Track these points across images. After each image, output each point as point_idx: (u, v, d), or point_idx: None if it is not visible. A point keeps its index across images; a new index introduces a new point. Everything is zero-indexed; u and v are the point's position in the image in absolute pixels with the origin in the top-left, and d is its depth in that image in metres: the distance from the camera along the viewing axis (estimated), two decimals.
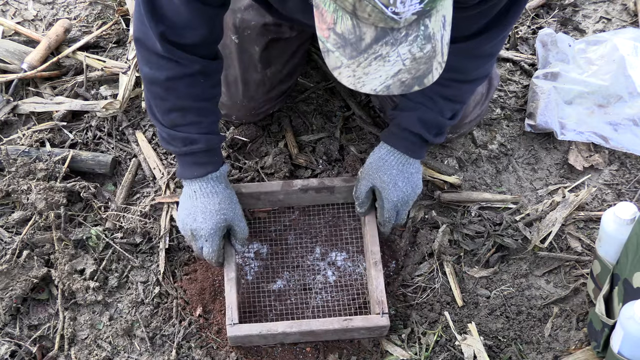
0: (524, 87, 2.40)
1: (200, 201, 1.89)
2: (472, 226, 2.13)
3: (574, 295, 2.06)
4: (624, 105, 2.30)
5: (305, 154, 2.22)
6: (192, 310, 1.99)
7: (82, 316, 1.99)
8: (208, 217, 1.88)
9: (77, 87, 2.33)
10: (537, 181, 2.24)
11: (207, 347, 1.94)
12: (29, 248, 2.03)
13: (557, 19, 2.54)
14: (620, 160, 2.27)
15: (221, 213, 1.89)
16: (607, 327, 1.83)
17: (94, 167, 2.18)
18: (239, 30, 2.04)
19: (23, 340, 1.95)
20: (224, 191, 1.91)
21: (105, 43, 2.44)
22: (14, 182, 2.10)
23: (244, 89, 2.11)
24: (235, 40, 2.06)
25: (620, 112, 2.29)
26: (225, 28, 2.04)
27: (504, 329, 2.00)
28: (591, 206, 2.19)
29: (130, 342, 1.97)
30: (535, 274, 2.09)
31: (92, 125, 2.25)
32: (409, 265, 2.08)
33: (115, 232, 2.09)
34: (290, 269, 2.06)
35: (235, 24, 2.04)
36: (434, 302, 2.03)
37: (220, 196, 1.90)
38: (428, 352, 1.95)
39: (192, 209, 1.89)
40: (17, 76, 2.30)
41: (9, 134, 2.25)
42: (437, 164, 2.22)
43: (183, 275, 2.04)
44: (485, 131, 2.31)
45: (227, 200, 1.91)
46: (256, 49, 2.07)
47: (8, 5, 2.52)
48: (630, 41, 2.37)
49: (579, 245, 2.12)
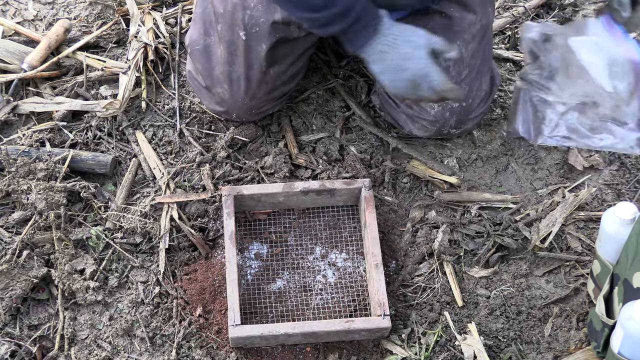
0: None
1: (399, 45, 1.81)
2: (472, 226, 2.13)
3: (574, 295, 2.06)
4: (597, 107, 2.26)
5: (305, 154, 2.22)
6: (192, 310, 1.99)
7: (82, 316, 1.99)
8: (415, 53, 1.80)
9: (77, 87, 2.33)
10: (537, 181, 2.24)
11: (207, 347, 1.95)
12: (29, 248, 2.03)
13: (557, 19, 2.54)
14: (620, 160, 2.27)
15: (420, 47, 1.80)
16: (607, 327, 1.83)
17: (94, 167, 2.18)
18: (247, 27, 2.04)
19: (23, 340, 1.95)
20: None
21: (105, 43, 2.44)
22: (14, 182, 2.10)
23: (247, 86, 2.11)
24: (242, 37, 2.05)
25: (594, 113, 2.26)
26: (233, 24, 2.04)
27: (504, 329, 2.00)
28: (591, 206, 2.19)
29: (130, 342, 1.97)
30: (535, 274, 2.09)
31: (92, 125, 2.25)
32: (409, 265, 2.08)
33: (115, 232, 2.09)
34: (291, 269, 2.06)
35: (244, 20, 2.03)
36: (434, 302, 2.03)
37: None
38: (428, 352, 1.95)
39: (396, 58, 1.82)
40: (17, 76, 2.30)
41: (9, 134, 2.25)
42: (437, 164, 2.22)
43: (183, 275, 2.04)
44: (485, 131, 2.31)
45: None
46: (263, 47, 2.06)
47: (8, 5, 2.52)
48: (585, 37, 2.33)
49: (579, 245, 2.12)
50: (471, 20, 2.07)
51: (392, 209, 2.17)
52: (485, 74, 2.15)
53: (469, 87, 2.10)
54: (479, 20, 2.08)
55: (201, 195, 2.13)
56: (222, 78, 2.11)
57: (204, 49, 2.13)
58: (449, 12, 2.05)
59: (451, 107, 2.10)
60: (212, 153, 2.20)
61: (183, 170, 2.19)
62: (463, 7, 2.06)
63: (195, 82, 2.20)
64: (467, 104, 2.12)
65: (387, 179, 2.20)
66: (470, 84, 2.10)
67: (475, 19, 2.07)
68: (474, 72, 2.10)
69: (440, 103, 2.09)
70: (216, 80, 2.12)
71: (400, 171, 2.22)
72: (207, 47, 2.12)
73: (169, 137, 2.26)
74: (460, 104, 2.11)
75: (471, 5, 2.06)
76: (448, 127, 2.15)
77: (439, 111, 2.11)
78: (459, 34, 2.05)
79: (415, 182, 2.22)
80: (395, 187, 2.21)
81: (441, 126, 2.14)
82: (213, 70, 2.12)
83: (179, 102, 2.30)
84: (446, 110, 2.11)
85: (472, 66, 2.09)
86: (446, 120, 2.13)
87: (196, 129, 2.26)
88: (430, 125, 2.14)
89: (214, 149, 2.21)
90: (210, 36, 2.12)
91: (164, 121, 2.29)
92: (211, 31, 2.11)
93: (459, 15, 2.05)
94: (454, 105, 2.10)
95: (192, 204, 2.13)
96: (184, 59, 2.34)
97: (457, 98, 1.96)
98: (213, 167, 2.19)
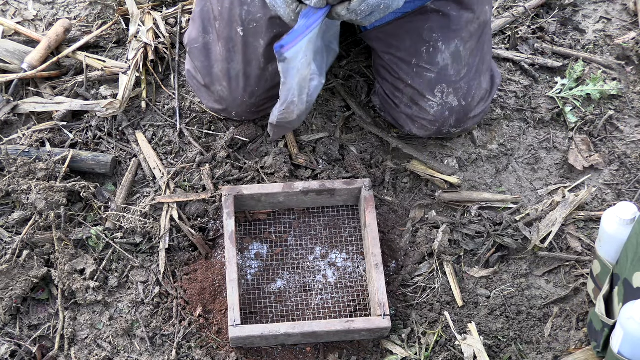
0: (524, 87, 2.40)
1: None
2: (472, 226, 2.13)
3: (574, 295, 2.06)
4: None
5: (306, 154, 2.22)
6: (192, 310, 1.99)
7: (82, 316, 1.99)
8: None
9: (77, 87, 2.33)
10: (537, 181, 2.24)
11: (207, 347, 1.95)
12: (29, 248, 2.04)
13: (557, 19, 2.54)
14: (620, 160, 2.27)
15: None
16: (607, 327, 1.83)
17: (94, 167, 2.18)
18: (245, 22, 2.03)
19: (23, 340, 1.95)
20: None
21: (105, 43, 2.43)
22: (14, 182, 2.10)
23: (245, 83, 2.10)
24: (240, 33, 2.05)
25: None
26: (231, 20, 2.04)
27: (504, 329, 2.00)
28: (591, 206, 2.19)
29: (130, 342, 1.97)
30: (535, 274, 2.09)
31: (92, 125, 2.25)
32: (409, 265, 2.09)
33: (115, 232, 2.09)
34: (291, 269, 2.06)
35: (242, 16, 2.03)
36: (434, 302, 2.03)
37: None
38: (428, 352, 1.95)
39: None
40: (17, 76, 2.30)
41: (9, 134, 2.25)
42: (437, 164, 2.22)
43: (183, 275, 2.04)
44: (485, 131, 2.31)
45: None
46: (261, 43, 2.06)
47: (8, 5, 2.52)
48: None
49: (579, 245, 2.12)
50: (469, 19, 2.06)
51: (392, 209, 2.17)
52: (485, 72, 2.15)
53: (468, 85, 2.10)
54: (477, 19, 2.08)
55: (201, 195, 2.13)
56: (220, 76, 2.10)
57: (203, 46, 2.13)
58: (446, 10, 2.05)
59: (450, 106, 2.10)
60: (212, 153, 2.20)
61: (183, 170, 2.19)
62: (460, 5, 2.06)
63: (195, 81, 2.20)
64: (466, 103, 2.12)
65: (387, 179, 2.20)
66: (469, 82, 2.10)
67: (472, 17, 2.07)
68: (472, 71, 2.10)
69: (440, 103, 2.09)
70: (215, 78, 2.12)
71: (400, 171, 2.22)
72: (206, 44, 2.12)
73: (169, 137, 2.26)
74: (460, 103, 2.11)
75: (468, 4, 2.06)
76: (448, 127, 2.15)
77: (439, 110, 2.11)
78: (457, 32, 2.05)
79: (416, 182, 2.22)
80: (396, 187, 2.21)
81: (441, 125, 2.14)
82: (212, 68, 2.12)
83: (179, 102, 2.30)
84: (446, 110, 2.11)
85: (471, 65, 2.09)
86: (446, 120, 2.13)
87: (196, 129, 2.26)
88: (429, 125, 2.14)
89: (214, 149, 2.21)
90: (209, 34, 2.11)
91: (164, 121, 2.29)
92: (210, 29, 2.11)
93: (457, 13, 2.05)
94: (453, 104, 2.10)
95: (192, 204, 2.13)
96: (184, 59, 2.34)
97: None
98: (213, 167, 2.19)
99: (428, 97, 2.09)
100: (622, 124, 2.36)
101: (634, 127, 2.35)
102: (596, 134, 2.33)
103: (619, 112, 2.38)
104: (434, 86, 2.07)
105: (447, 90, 2.08)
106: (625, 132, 2.34)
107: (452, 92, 2.09)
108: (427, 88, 2.07)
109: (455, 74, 2.06)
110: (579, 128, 2.33)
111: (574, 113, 2.35)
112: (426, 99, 2.09)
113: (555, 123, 2.35)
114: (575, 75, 2.40)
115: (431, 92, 2.08)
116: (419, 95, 2.09)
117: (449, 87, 2.08)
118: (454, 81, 2.07)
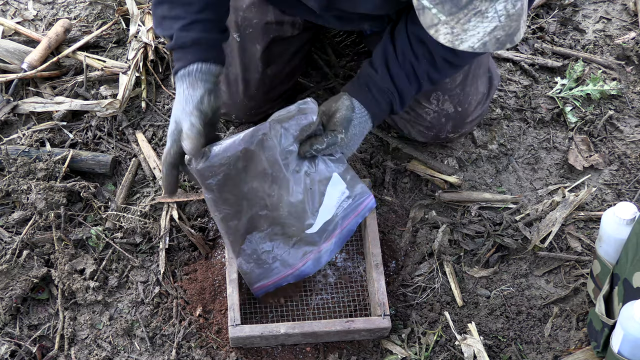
0: (524, 87, 2.40)
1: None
2: (472, 226, 2.13)
3: (574, 295, 2.06)
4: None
5: None
6: (192, 310, 1.99)
7: (82, 316, 1.99)
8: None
9: (77, 87, 2.33)
10: (537, 181, 2.24)
11: (207, 347, 1.95)
12: (29, 248, 2.04)
13: (557, 19, 2.55)
14: (620, 160, 2.27)
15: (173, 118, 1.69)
16: (607, 327, 1.83)
17: (94, 167, 2.18)
18: (241, 28, 2.04)
19: (23, 340, 1.95)
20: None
21: (105, 43, 2.44)
22: (14, 182, 2.10)
23: (244, 88, 2.11)
24: (237, 39, 2.06)
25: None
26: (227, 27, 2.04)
27: (504, 329, 2.00)
28: (591, 206, 2.19)
29: (130, 342, 1.97)
30: (535, 274, 2.09)
31: (92, 125, 2.25)
32: (409, 265, 2.09)
33: (115, 232, 2.09)
34: None
35: (237, 22, 2.04)
36: (434, 302, 2.03)
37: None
38: (428, 352, 1.95)
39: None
40: (17, 76, 2.30)
41: (9, 134, 2.25)
42: (437, 164, 2.22)
43: (183, 275, 2.05)
44: (485, 131, 2.31)
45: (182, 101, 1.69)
46: (257, 48, 2.07)
47: (8, 5, 2.52)
48: None
49: (579, 245, 2.12)
50: None
51: (392, 209, 2.17)
52: (482, 75, 2.15)
53: (464, 92, 2.09)
54: None
55: (201, 195, 2.13)
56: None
57: None
58: None
59: (447, 113, 2.10)
60: None
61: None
62: None
63: None
64: (462, 109, 2.11)
65: (387, 179, 2.20)
66: (464, 88, 2.09)
67: None
68: (469, 76, 2.09)
69: (436, 110, 2.09)
70: None
71: (400, 171, 2.22)
72: None
73: None
74: (456, 109, 2.10)
75: None
76: (445, 132, 2.15)
77: (435, 117, 2.11)
78: None
79: (416, 182, 2.22)
80: (396, 187, 2.21)
81: (438, 132, 2.14)
82: None
83: None
84: (442, 116, 2.11)
85: (466, 71, 2.08)
86: (442, 126, 2.13)
87: None
88: (427, 131, 2.14)
89: None
90: None
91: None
92: None
93: None
94: (449, 111, 2.10)
95: (192, 204, 2.13)
96: None
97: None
98: None
99: (424, 104, 2.09)
100: (622, 124, 2.36)
101: (634, 127, 2.35)
102: (596, 134, 2.33)
103: (618, 112, 2.38)
104: (430, 93, 2.07)
105: (443, 98, 2.08)
106: (625, 132, 2.34)
107: (447, 99, 2.08)
108: (423, 95, 2.07)
109: (450, 80, 2.06)
110: (579, 128, 2.34)
111: (573, 113, 2.36)
112: (422, 105, 2.09)
113: (555, 123, 2.35)
114: (575, 75, 2.40)
115: (427, 99, 2.08)
116: (415, 102, 2.09)
117: (444, 95, 2.08)
118: (449, 88, 2.07)
